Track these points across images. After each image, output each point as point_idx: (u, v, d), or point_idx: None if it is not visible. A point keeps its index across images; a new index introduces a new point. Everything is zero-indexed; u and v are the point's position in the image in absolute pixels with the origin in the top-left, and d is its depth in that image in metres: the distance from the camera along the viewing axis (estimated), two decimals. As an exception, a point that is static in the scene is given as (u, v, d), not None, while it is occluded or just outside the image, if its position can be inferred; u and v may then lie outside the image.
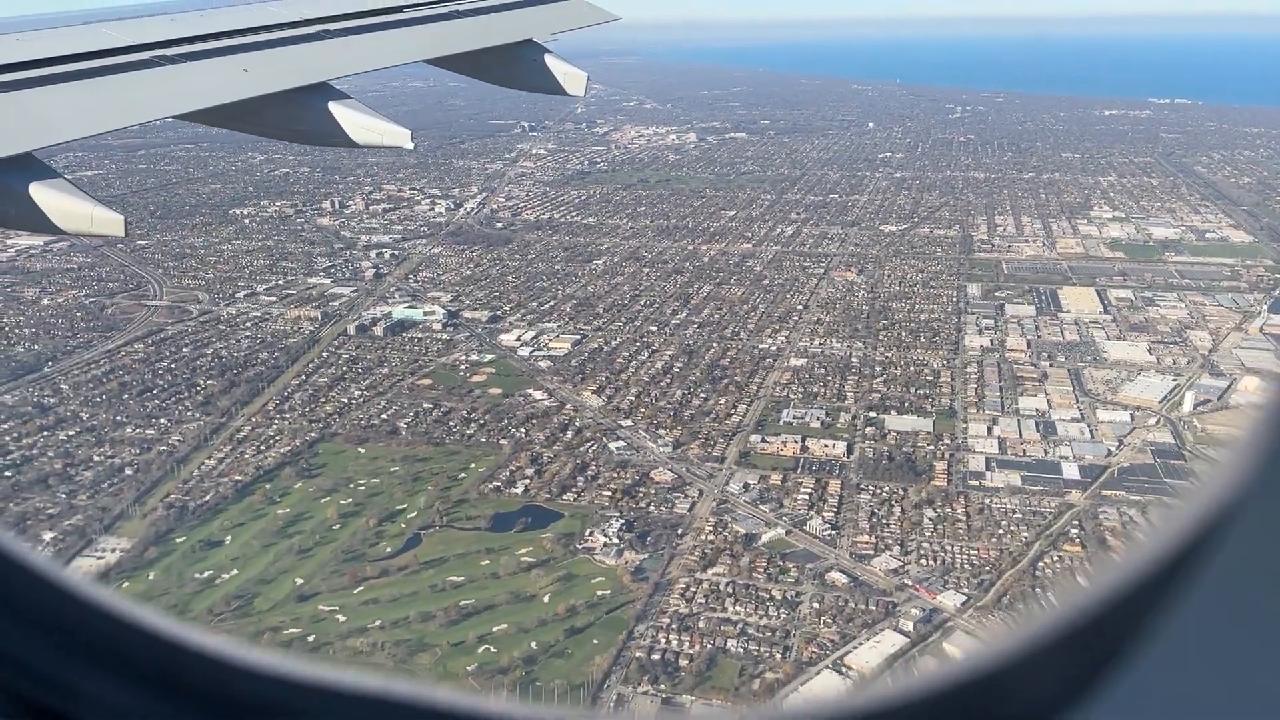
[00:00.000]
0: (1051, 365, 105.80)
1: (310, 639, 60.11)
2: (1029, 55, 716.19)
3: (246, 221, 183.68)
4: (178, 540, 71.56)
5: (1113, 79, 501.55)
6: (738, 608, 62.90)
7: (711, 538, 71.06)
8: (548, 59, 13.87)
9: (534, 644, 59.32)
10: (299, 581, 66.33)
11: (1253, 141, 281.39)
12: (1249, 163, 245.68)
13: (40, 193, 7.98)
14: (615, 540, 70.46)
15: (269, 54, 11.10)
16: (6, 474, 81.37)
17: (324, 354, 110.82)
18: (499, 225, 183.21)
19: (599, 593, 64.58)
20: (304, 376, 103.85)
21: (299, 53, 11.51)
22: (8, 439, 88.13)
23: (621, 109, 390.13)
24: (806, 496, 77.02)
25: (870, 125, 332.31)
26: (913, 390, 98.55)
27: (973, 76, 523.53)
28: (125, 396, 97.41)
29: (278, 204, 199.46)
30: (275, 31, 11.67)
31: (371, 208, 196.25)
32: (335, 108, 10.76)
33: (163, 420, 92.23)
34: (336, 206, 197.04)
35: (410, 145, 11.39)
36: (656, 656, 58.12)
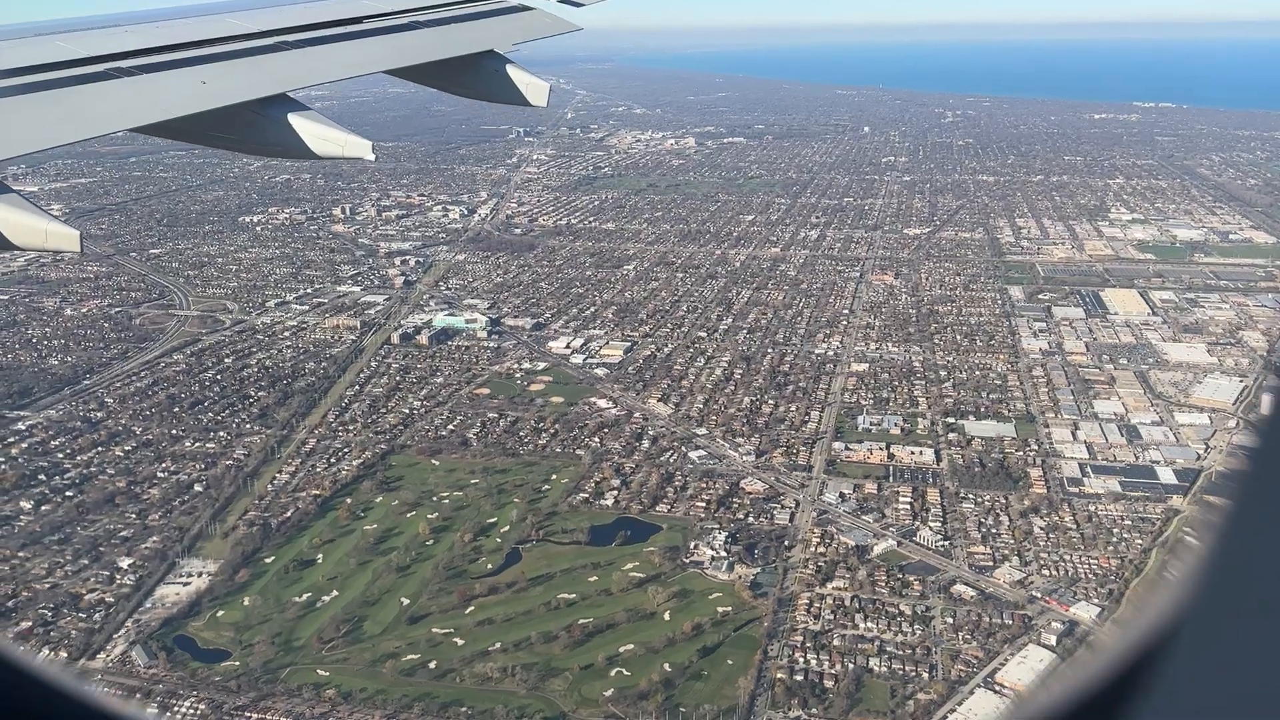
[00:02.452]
0: (1115, 368, 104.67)
1: (431, 665, 57.20)
2: (1006, 61, 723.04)
3: (258, 229, 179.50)
4: (266, 560, 68.40)
5: (1092, 84, 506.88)
6: (869, 624, 60.75)
7: (821, 550, 68.89)
8: (509, 69, 13.52)
9: (667, 665, 56.81)
10: (405, 602, 63.43)
11: (1247, 144, 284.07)
12: (1249, 165, 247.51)
13: None
14: (723, 553, 68.15)
15: (227, 66, 10.84)
16: (68, 494, 77.68)
17: (372, 363, 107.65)
18: (518, 231, 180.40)
19: (720, 609, 62.21)
20: (357, 386, 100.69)
21: (257, 64, 11.17)
22: (61, 456, 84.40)
23: (611, 114, 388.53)
24: (908, 506, 75.08)
25: (866, 129, 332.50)
26: (984, 395, 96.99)
27: (953, 81, 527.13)
28: (176, 409, 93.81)
29: (287, 210, 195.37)
30: (233, 43, 11.34)
31: (384, 214, 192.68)
32: (295, 119, 10.39)
33: (222, 433, 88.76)
34: (348, 213, 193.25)
35: (371, 156, 10.63)
36: (799, 677, 55.79)
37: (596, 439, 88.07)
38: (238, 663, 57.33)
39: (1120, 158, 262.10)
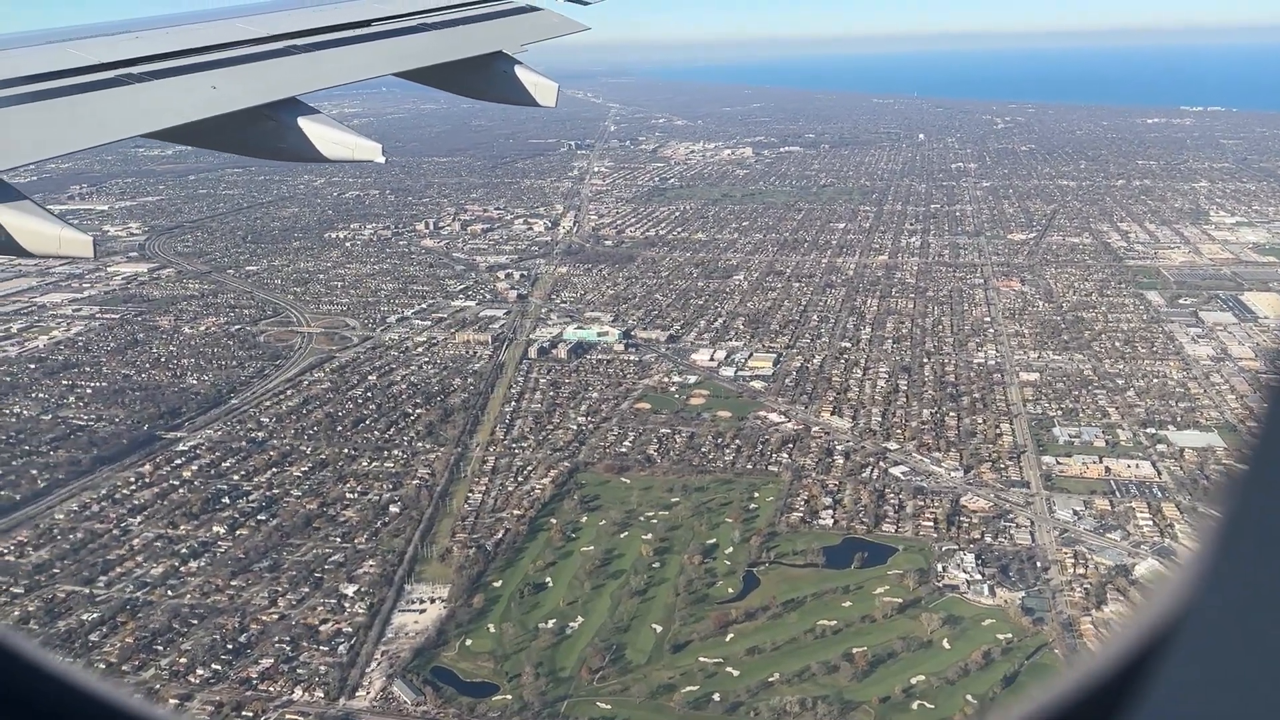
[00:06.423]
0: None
1: (715, 697, 53.62)
2: (1027, 68, 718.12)
3: (347, 245, 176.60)
4: (495, 585, 64.95)
5: (1130, 89, 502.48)
6: (1168, 649, 56.79)
7: (1080, 571, 65.09)
8: (518, 70, 13.57)
9: (970, 696, 53.08)
10: (657, 629, 59.86)
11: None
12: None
13: (6, 214, 7.64)
14: (977, 576, 64.34)
15: (237, 70, 10.83)
16: (260, 517, 74.48)
17: (518, 378, 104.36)
18: (609, 243, 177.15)
19: (999, 636, 58.44)
20: (513, 403, 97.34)
21: (267, 69, 11.18)
22: (237, 477, 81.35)
23: (653, 126, 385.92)
24: (1149, 522, 71.15)
25: (921, 137, 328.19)
26: (1172, 404, 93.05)
27: (988, 89, 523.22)
28: (339, 428, 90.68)
29: (370, 226, 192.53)
30: (243, 48, 11.33)
31: (468, 228, 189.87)
32: (305, 123, 10.40)
33: (396, 452, 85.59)
34: (432, 228, 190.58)
35: (381, 159, 10.50)
36: (1121, 708, 51.87)
37: (785, 454, 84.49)
38: (509, 696, 53.80)
39: (1194, 161, 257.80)
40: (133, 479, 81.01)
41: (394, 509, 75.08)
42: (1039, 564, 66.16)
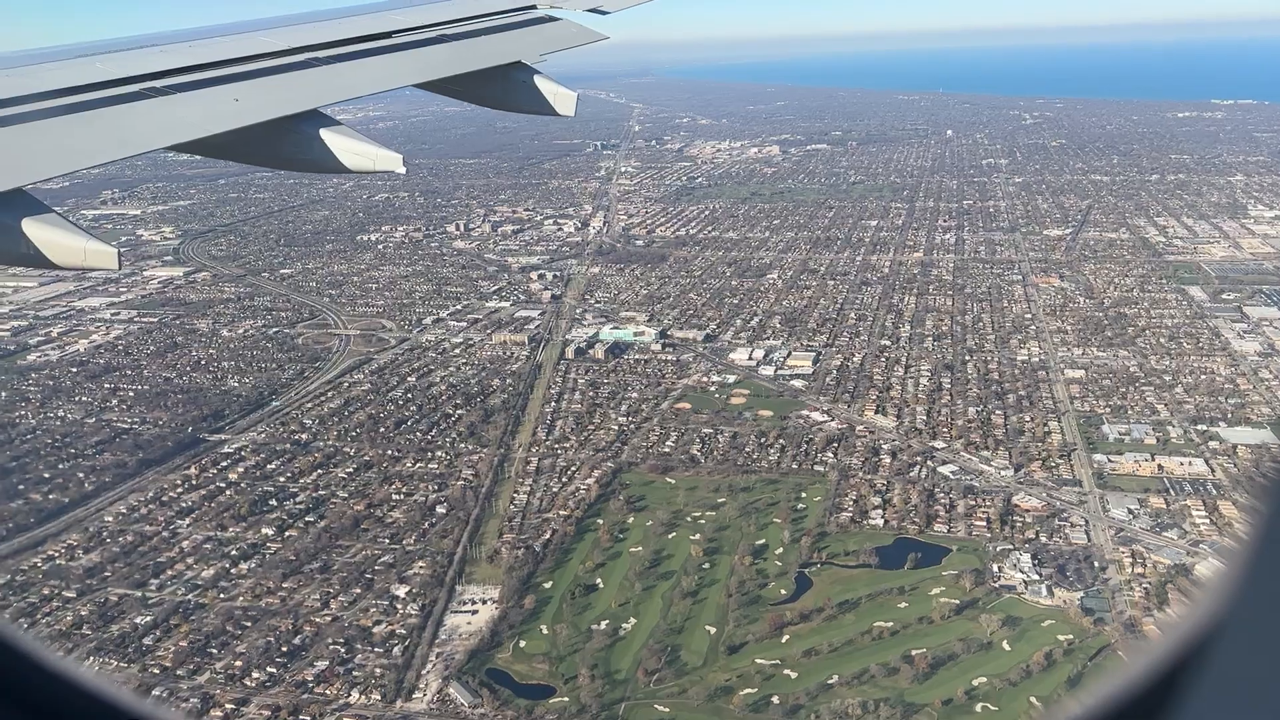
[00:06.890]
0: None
1: (774, 700, 53.05)
2: (1047, 64, 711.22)
3: (380, 247, 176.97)
4: (545, 586, 64.65)
5: (1154, 83, 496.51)
6: (1235, 650, 55.75)
7: (1139, 570, 64.04)
8: (537, 80, 13.68)
9: (1033, 698, 52.22)
10: (711, 630, 59.34)
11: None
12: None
13: (33, 228, 7.70)
14: (1034, 576, 63.39)
15: (259, 83, 10.97)
16: (308, 518, 74.59)
17: (557, 379, 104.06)
18: (640, 243, 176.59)
19: (1060, 637, 57.57)
20: (553, 403, 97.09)
21: (289, 81, 11.29)
22: (283, 479, 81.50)
23: (677, 125, 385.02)
24: (1205, 520, 69.93)
25: (949, 133, 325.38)
26: (1222, 400, 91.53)
27: (1013, 85, 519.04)
28: (381, 429, 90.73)
29: (401, 228, 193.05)
30: (265, 60, 11.44)
31: (499, 229, 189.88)
32: (327, 134, 10.47)
33: (439, 453, 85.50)
34: (463, 229, 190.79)
35: (402, 170, 10.60)
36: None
37: (830, 454, 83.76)
38: (566, 699, 53.45)
39: (1228, 155, 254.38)
40: (179, 481, 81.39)
41: (440, 510, 75.01)
42: (1096, 563, 65.16)
